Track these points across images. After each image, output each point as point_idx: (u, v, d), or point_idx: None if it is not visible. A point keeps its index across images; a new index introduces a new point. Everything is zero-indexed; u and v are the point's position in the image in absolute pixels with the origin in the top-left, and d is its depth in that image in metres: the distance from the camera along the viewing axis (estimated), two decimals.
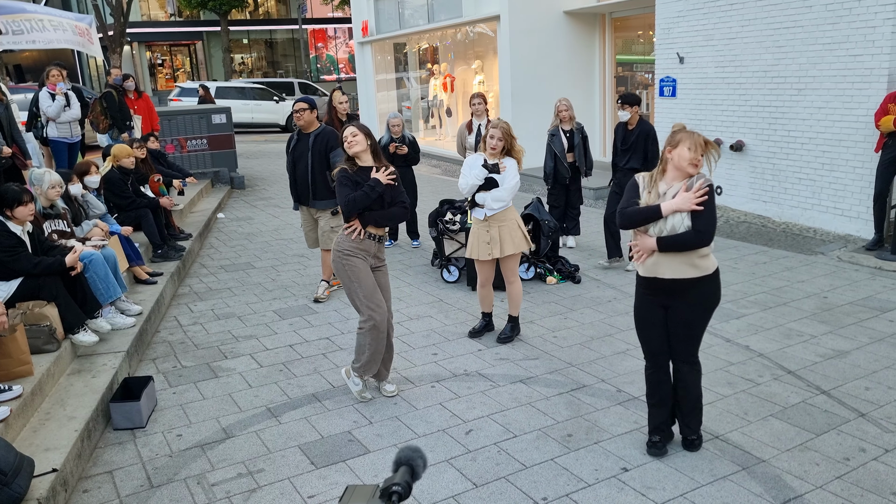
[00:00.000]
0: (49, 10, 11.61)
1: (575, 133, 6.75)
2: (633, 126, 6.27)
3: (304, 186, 5.82)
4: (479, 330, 5.16)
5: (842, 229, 7.69)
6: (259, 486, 3.38)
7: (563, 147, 6.78)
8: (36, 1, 35.49)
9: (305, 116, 5.68)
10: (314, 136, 5.70)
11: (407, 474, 1.26)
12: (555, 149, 6.80)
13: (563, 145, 6.77)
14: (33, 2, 36.34)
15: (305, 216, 6.08)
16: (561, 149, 6.78)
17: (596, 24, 12.66)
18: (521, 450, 3.63)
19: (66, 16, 11.72)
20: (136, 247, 6.12)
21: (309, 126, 5.75)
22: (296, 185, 5.91)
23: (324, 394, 4.33)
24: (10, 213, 4.32)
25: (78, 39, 11.50)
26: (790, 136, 8.16)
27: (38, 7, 11.77)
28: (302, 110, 5.67)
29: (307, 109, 5.67)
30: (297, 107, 5.70)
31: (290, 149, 5.90)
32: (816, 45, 7.67)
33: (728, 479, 3.31)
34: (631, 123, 6.28)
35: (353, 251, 4.08)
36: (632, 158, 6.27)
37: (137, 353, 4.89)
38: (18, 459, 3.01)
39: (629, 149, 6.30)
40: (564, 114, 6.75)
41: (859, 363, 4.51)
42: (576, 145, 6.75)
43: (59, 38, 11.21)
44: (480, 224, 4.91)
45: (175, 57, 37.77)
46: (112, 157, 6.79)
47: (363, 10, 18.36)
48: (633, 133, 6.27)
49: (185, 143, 11.46)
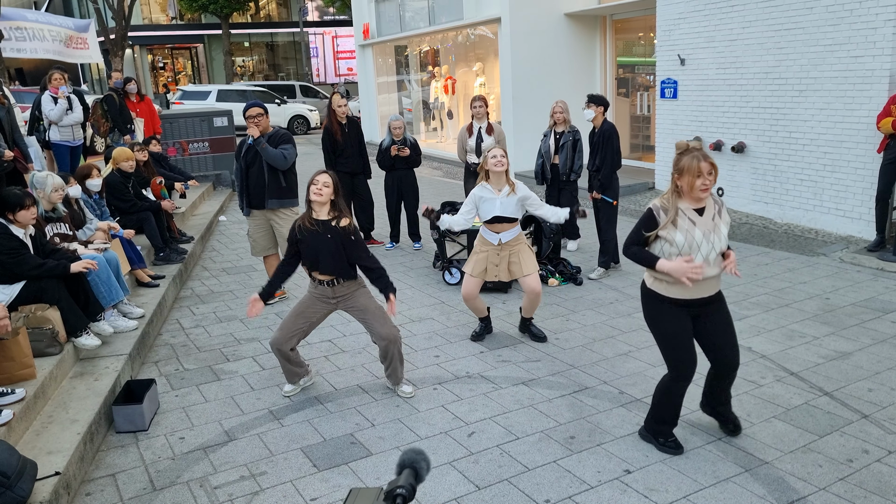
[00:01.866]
0: (49, 19, 11.66)
1: (566, 135, 6.76)
2: (597, 127, 6.40)
3: (259, 189, 5.67)
4: (480, 333, 5.16)
5: (844, 230, 7.69)
6: (261, 488, 3.38)
7: (548, 148, 6.82)
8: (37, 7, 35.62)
9: (264, 122, 5.53)
10: (267, 139, 5.55)
11: (411, 477, 1.26)
12: (542, 150, 6.86)
13: (548, 147, 6.82)
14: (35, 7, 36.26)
15: (258, 221, 5.84)
16: (546, 150, 6.83)
17: (597, 26, 12.67)
18: (523, 452, 3.62)
19: (65, 24, 11.78)
20: (138, 250, 6.12)
21: (265, 131, 5.60)
22: (247, 190, 5.73)
23: (326, 396, 4.33)
24: (13, 216, 4.32)
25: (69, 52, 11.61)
26: (791, 137, 8.16)
27: (39, 15, 11.82)
28: (259, 116, 5.49)
29: (264, 115, 5.53)
30: (253, 112, 5.47)
31: (240, 154, 5.72)
32: (817, 46, 7.68)
33: (731, 480, 3.31)
34: (595, 124, 6.40)
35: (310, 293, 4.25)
36: (596, 159, 6.40)
37: (140, 356, 4.89)
38: (21, 462, 3.01)
39: (593, 150, 6.46)
40: (558, 115, 6.79)
41: (862, 364, 4.51)
42: (561, 146, 6.75)
43: (57, 50, 11.27)
44: (492, 248, 4.87)
45: (176, 60, 37.85)
46: (112, 161, 6.80)
47: (364, 12, 18.39)
48: (595, 135, 6.43)
49: (186, 146, 11.47)
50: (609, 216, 6.49)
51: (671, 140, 9.90)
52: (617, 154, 6.34)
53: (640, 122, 12.45)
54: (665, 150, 10.07)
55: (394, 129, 7.50)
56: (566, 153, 6.76)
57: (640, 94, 12.24)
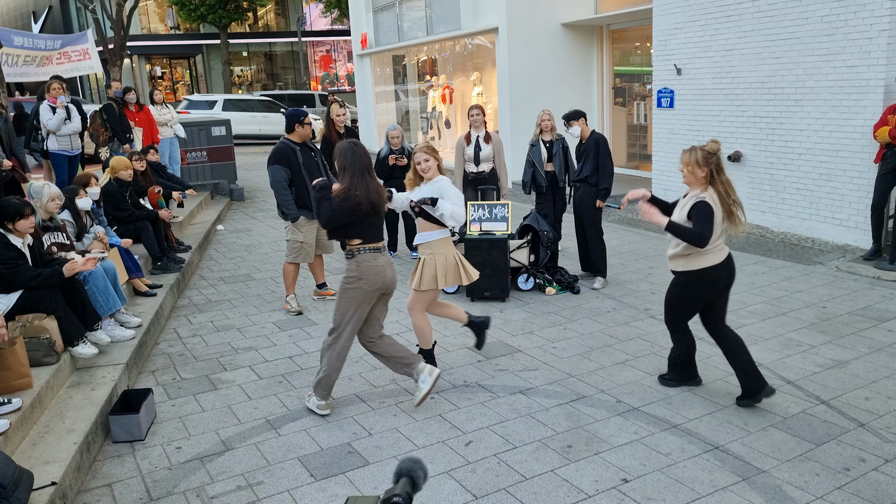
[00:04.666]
0: (37, 43, 11.74)
1: (555, 143, 6.85)
2: (585, 138, 6.49)
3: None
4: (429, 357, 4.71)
5: (840, 239, 7.71)
6: (258, 498, 3.37)
7: (541, 157, 6.88)
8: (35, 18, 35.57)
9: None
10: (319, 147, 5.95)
11: (408, 485, 1.27)
12: (533, 158, 6.91)
13: (541, 155, 6.88)
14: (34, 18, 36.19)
15: (313, 225, 6.00)
16: (539, 158, 6.89)
17: (594, 36, 12.74)
18: (520, 461, 3.62)
19: (54, 47, 11.89)
20: (135, 259, 6.13)
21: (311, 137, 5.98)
22: (306, 195, 5.84)
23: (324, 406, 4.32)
24: (12, 226, 4.33)
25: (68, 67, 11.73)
26: (788, 146, 8.20)
27: (36, 38, 11.89)
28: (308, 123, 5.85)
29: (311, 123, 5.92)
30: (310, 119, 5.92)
31: (291, 162, 5.79)
32: (813, 56, 7.72)
33: (728, 489, 3.31)
34: (584, 136, 6.49)
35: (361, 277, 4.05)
36: (584, 168, 6.46)
37: (137, 366, 4.89)
38: (17, 472, 3.00)
39: (580, 158, 6.53)
40: (546, 123, 6.88)
41: (859, 373, 4.52)
42: (555, 154, 6.82)
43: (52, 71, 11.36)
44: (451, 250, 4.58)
45: (175, 70, 37.95)
46: (110, 170, 6.81)
47: (362, 22, 18.48)
48: (583, 144, 6.51)
49: (184, 155, 11.49)
50: (598, 225, 6.54)
51: (668, 149, 9.94)
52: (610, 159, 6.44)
53: (636, 132, 12.50)
54: (662, 160, 10.10)
55: (392, 138, 7.53)
56: (559, 160, 6.84)
57: (637, 104, 12.30)
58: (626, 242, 8.31)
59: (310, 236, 6.02)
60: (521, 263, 6.46)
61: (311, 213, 5.85)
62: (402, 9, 16.30)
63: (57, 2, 36.16)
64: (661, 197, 4.47)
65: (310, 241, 6.04)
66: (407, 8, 16.15)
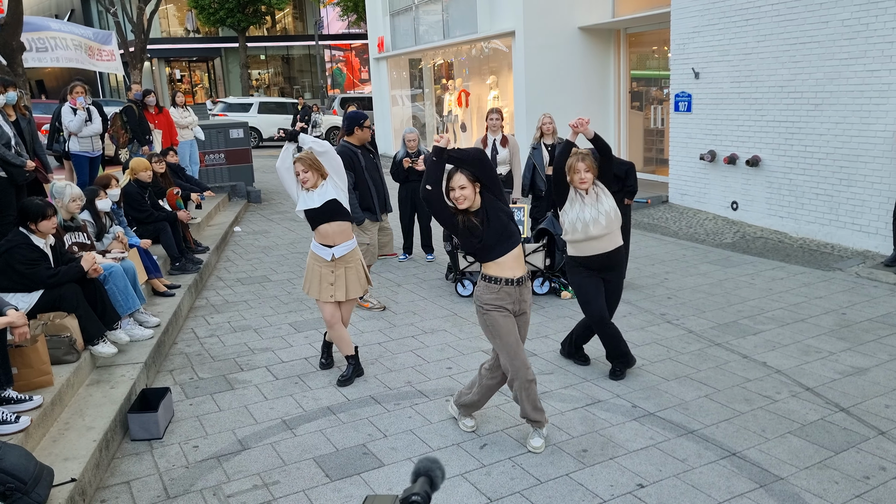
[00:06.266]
0: (72, 28, 11.85)
1: (556, 147, 6.84)
2: None
3: (383, 198, 6.16)
4: (350, 377, 4.69)
5: (860, 245, 7.62)
6: (274, 497, 3.39)
7: (542, 160, 6.87)
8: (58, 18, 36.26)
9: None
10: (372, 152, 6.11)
11: (426, 485, 1.27)
12: (535, 161, 6.91)
13: (542, 158, 6.87)
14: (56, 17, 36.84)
15: (376, 227, 6.16)
16: (541, 162, 6.89)
17: (611, 39, 12.70)
18: (535, 465, 3.61)
19: (86, 35, 11.97)
20: (154, 259, 6.19)
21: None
22: (376, 197, 6.06)
23: (339, 406, 4.34)
24: (35, 226, 4.40)
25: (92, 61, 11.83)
26: (807, 151, 8.13)
27: (63, 24, 12.02)
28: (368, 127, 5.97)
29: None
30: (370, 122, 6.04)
31: (355, 166, 5.83)
32: (833, 60, 7.66)
33: (745, 496, 3.28)
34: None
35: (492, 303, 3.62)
36: None
37: (155, 365, 4.94)
38: (38, 468, 3.04)
39: None
40: (548, 126, 6.88)
41: (879, 380, 4.46)
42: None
43: (80, 58, 11.46)
44: (325, 264, 4.56)
45: (193, 73, 38.31)
46: (130, 171, 6.89)
47: (379, 26, 18.56)
48: None
49: (202, 157, 11.59)
50: (628, 225, 6.49)
51: (685, 153, 9.90)
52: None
53: (653, 136, 12.44)
54: (679, 164, 10.05)
55: (408, 141, 7.55)
56: None
57: (654, 108, 12.25)
58: (643, 247, 8.27)
59: (374, 238, 6.15)
60: (536, 267, 6.45)
61: (374, 216, 6.06)
62: (419, 12, 16.36)
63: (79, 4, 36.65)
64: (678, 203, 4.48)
65: (374, 242, 6.16)
66: (424, 12, 16.20)
